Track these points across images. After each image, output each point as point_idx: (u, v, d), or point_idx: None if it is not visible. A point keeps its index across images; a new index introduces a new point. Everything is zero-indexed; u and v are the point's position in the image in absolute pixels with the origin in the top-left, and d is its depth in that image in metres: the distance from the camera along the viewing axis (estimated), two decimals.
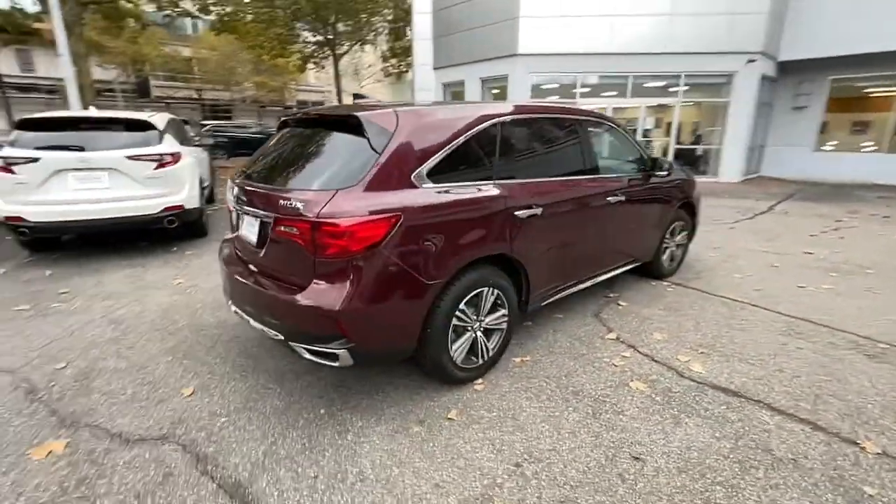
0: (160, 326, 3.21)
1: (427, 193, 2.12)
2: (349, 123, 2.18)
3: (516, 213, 2.46)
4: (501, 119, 2.54)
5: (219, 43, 25.86)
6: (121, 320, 3.30)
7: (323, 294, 1.95)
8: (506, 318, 2.59)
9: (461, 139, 2.32)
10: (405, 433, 2.12)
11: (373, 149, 2.06)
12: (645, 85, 11.06)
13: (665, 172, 3.61)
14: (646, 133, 11.44)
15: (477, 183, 2.35)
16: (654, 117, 11.51)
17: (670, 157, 11.39)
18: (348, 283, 1.94)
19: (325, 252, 1.92)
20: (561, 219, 2.81)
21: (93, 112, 4.83)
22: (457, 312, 2.29)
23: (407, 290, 2.05)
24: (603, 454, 1.99)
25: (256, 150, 2.73)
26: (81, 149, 4.33)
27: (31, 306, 3.53)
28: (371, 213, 1.93)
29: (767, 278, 4.26)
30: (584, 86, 11.06)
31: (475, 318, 2.43)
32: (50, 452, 1.98)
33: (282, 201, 2.03)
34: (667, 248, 4.09)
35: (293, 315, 2.03)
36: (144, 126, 4.75)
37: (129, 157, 4.45)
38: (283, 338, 2.10)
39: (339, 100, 20.91)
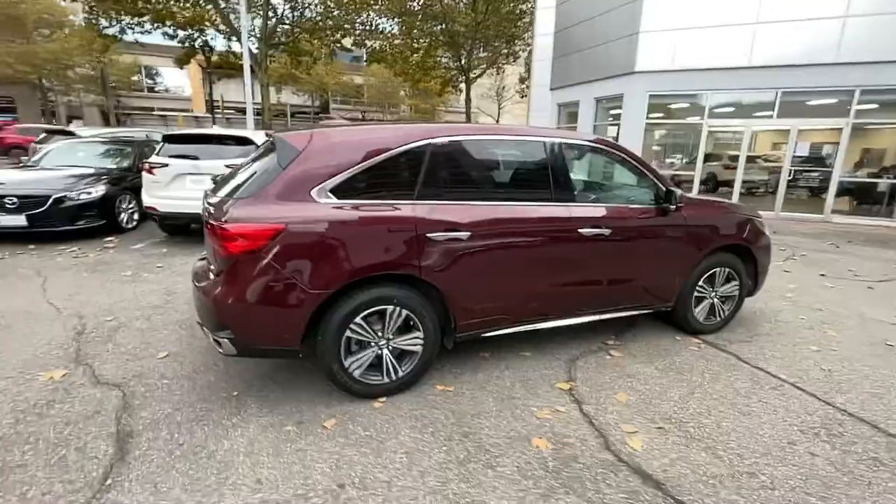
0: (191, 301, 3.96)
1: (321, 208, 2.26)
2: (273, 143, 2.46)
3: (429, 235, 2.41)
4: (433, 141, 2.52)
5: (378, 71, 29.56)
6: (173, 292, 4.17)
7: (214, 287, 2.25)
8: (420, 342, 2.53)
9: (378, 159, 2.40)
10: (278, 429, 2.26)
11: (279, 165, 2.30)
12: (804, 102, 9.05)
13: (674, 207, 3.03)
14: (797, 161, 9.29)
15: (389, 202, 2.39)
16: (810, 142, 9.26)
17: (832, 191, 9.06)
18: (232, 281, 2.20)
19: (219, 252, 2.22)
20: (500, 247, 2.62)
21: (212, 130, 6.18)
22: (352, 325, 2.35)
23: (285, 295, 2.21)
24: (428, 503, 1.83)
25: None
26: (196, 158, 5.59)
27: (132, 273, 4.70)
28: (255, 221, 2.16)
29: (858, 359, 3.17)
30: (714, 106, 9.59)
31: (380, 335, 2.45)
32: (51, 377, 2.68)
33: (212, 208, 2.40)
34: (701, 298, 3.39)
35: (200, 303, 2.38)
36: (246, 141, 5.87)
37: (227, 166, 5.56)
38: (199, 322, 2.46)
39: (468, 121, 22.01)
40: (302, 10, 16.27)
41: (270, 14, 15.26)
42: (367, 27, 17.43)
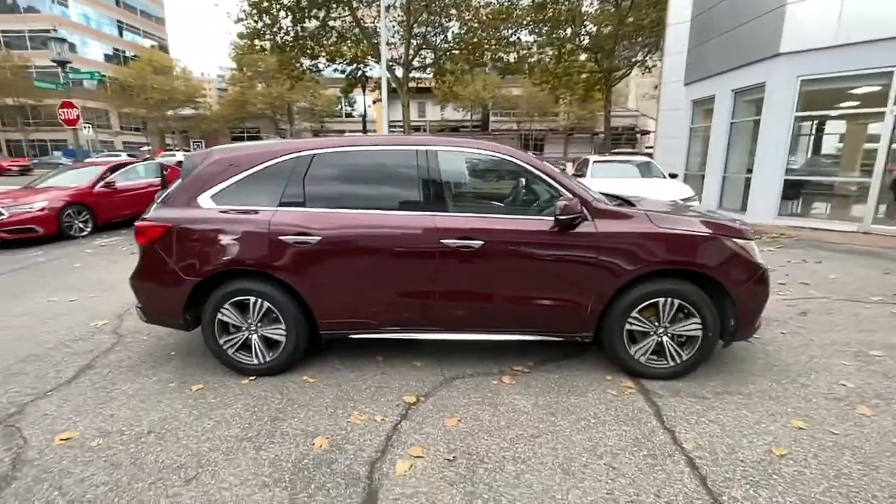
0: None
1: (201, 212, 2.79)
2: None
3: (281, 237, 2.71)
4: (298, 154, 2.82)
5: (528, 81, 29.69)
6: None
7: (133, 269, 2.99)
8: (283, 333, 2.84)
9: (252, 170, 2.83)
10: (164, 384, 2.87)
11: (182, 177, 2.93)
12: None
13: (564, 217, 2.57)
14: None
15: (253, 207, 2.79)
16: None
17: None
18: (139, 265, 2.91)
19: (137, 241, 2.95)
20: (354, 252, 2.73)
21: None
22: (222, 310, 2.83)
23: (166, 278, 2.81)
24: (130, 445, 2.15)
25: None
26: None
27: None
28: (152, 220, 2.83)
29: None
30: None
31: (247, 321, 2.86)
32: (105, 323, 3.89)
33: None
34: (644, 333, 2.76)
35: None
36: None
37: None
38: None
39: (607, 126, 20.26)
40: (444, 32, 17.73)
41: (412, 41, 17.13)
42: (506, 41, 17.86)
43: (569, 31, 16.44)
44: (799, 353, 3.21)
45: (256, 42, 16.11)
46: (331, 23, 16.52)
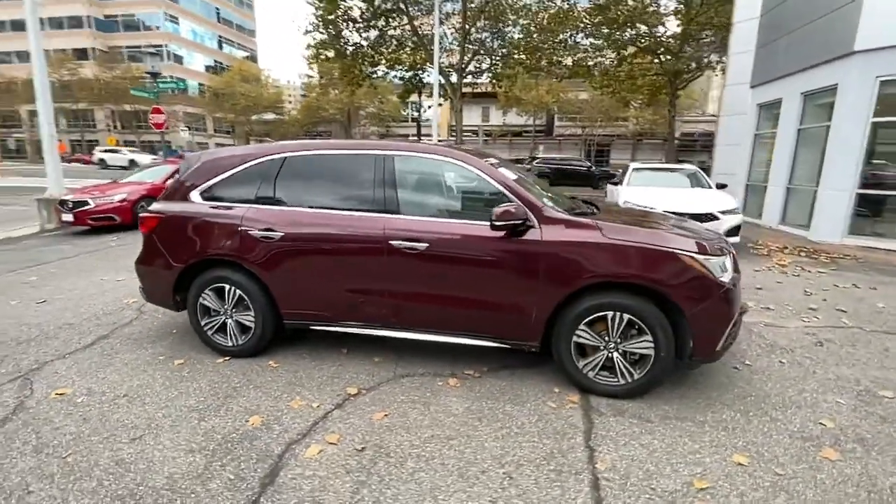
0: None
1: (190, 206, 3.15)
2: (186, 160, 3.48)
3: (250, 232, 2.98)
4: (272, 157, 3.07)
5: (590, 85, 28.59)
6: None
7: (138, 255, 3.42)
8: (252, 319, 3.11)
9: (232, 171, 3.13)
10: (154, 357, 3.25)
11: (180, 175, 3.31)
12: None
13: (499, 223, 2.56)
14: None
15: (231, 203, 3.08)
16: None
17: None
18: (142, 251, 3.32)
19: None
20: (311, 248, 2.92)
21: None
22: (203, 295, 3.16)
23: (159, 264, 3.20)
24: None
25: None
26: None
27: None
28: (151, 212, 3.23)
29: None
30: None
31: (223, 307, 3.16)
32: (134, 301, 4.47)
33: None
34: (595, 347, 2.66)
35: None
36: None
37: None
38: None
39: (671, 132, 18.95)
40: (502, 37, 17.72)
41: (469, 47, 17.32)
42: (564, 44, 17.42)
43: (631, 32, 15.63)
44: (789, 386, 2.89)
45: (321, 52, 17.25)
46: (390, 32, 17.24)
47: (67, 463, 2.14)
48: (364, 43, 17.24)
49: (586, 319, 2.63)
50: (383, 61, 18.08)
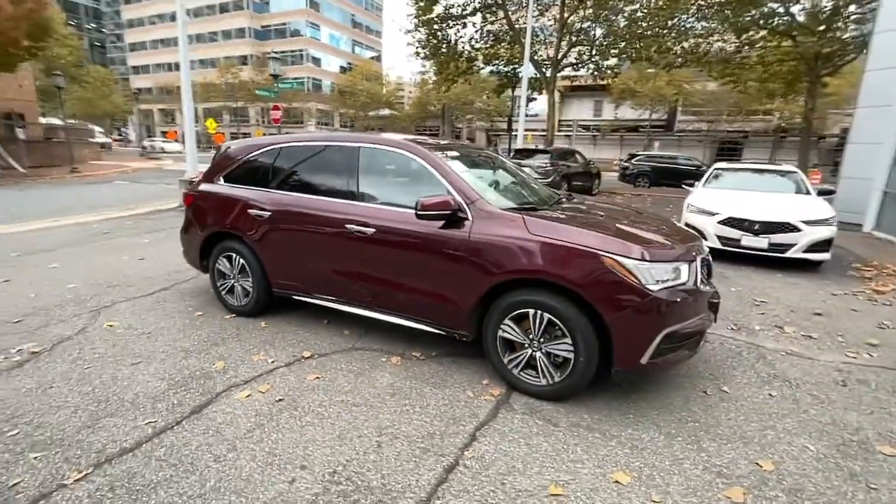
0: None
1: (214, 187, 3.82)
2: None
3: (248, 210, 3.51)
4: (271, 147, 3.57)
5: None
6: None
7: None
8: (251, 284, 3.67)
9: (245, 158, 3.72)
10: (190, 314, 4.03)
11: (212, 160, 4.01)
12: None
13: (421, 213, 2.68)
14: None
15: (243, 186, 3.66)
16: None
17: None
18: (183, 222, 4.10)
19: None
20: (287, 227, 3.35)
21: None
22: (218, 261, 3.82)
23: (191, 232, 3.93)
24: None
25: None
26: None
27: None
28: (188, 192, 3.98)
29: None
30: None
31: (232, 272, 3.78)
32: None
33: None
34: (521, 344, 2.65)
35: None
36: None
37: None
38: None
39: (808, 128, 15.68)
40: (606, 24, 16.59)
41: (568, 38, 16.57)
42: (676, 30, 15.62)
43: (757, 11, 13.33)
44: (755, 420, 2.50)
45: (420, 50, 18.09)
46: (487, 27, 17.35)
47: (84, 372, 2.87)
48: (460, 39, 17.64)
49: (510, 315, 2.62)
50: (480, 56, 18.30)
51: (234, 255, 3.71)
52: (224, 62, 47.79)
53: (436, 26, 16.82)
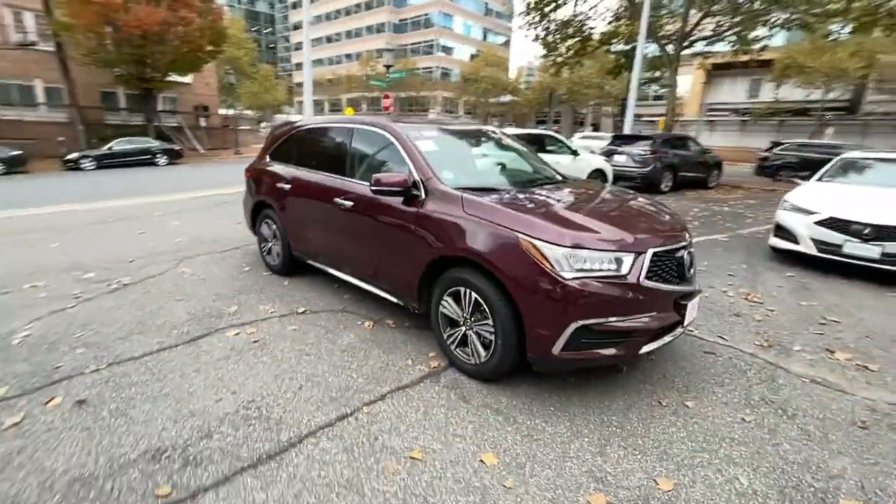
0: None
1: (261, 163, 4.50)
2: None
3: (277, 183, 4.09)
4: (298, 129, 4.06)
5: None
6: None
7: None
8: (280, 247, 4.29)
9: (282, 138, 4.31)
10: (240, 269, 4.85)
11: (265, 142, 4.70)
12: None
13: (374, 188, 2.85)
14: None
15: (277, 163, 4.26)
16: None
17: None
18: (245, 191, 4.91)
19: None
20: (300, 199, 3.82)
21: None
22: (262, 225, 4.52)
23: (247, 201, 4.69)
24: None
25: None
26: None
27: None
28: (248, 168, 4.74)
29: None
30: None
31: (269, 236, 4.44)
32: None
33: None
34: (456, 322, 2.71)
35: None
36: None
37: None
38: None
39: None
40: None
41: (695, 9, 14.38)
42: None
43: None
44: (696, 440, 2.18)
45: (532, 32, 17.50)
46: (601, 5, 16.04)
47: (143, 301, 3.75)
48: (575, 18, 16.60)
49: (448, 291, 2.68)
50: (595, 36, 17.05)
51: (269, 222, 4.36)
52: (365, 55, 52.36)
53: (545, 6, 16.10)
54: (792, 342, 3.27)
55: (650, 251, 2.33)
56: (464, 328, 2.65)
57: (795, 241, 5.06)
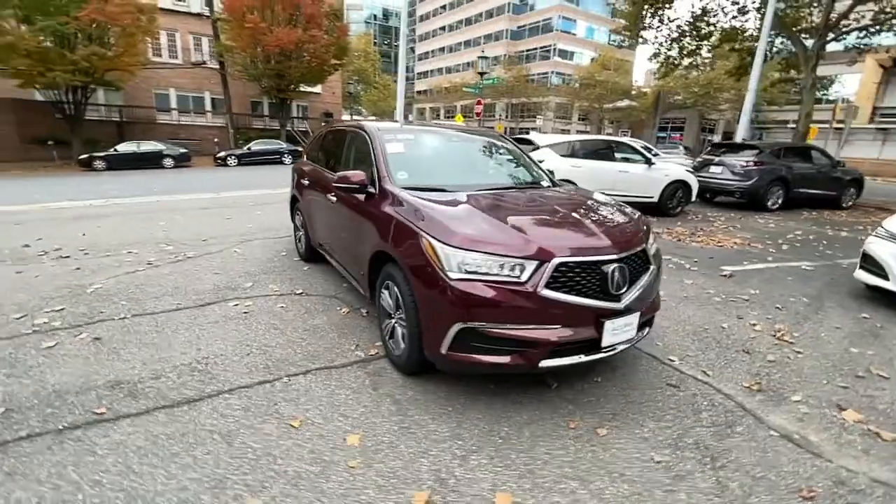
0: None
1: (302, 162, 5.11)
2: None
3: (302, 179, 4.63)
4: (323, 131, 4.55)
5: None
6: None
7: None
8: (303, 232, 4.83)
9: (317, 140, 4.85)
10: (277, 253, 5.55)
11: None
12: None
13: (336, 185, 3.15)
14: None
15: (309, 161, 4.80)
16: None
17: None
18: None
19: None
20: (313, 193, 4.27)
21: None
22: (294, 216, 5.13)
23: (291, 194, 5.35)
24: None
25: None
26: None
27: None
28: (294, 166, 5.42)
29: None
30: None
31: (299, 226, 5.02)
32: None
33: None
34: (387, 311, 2.87)
35: None
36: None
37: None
38: None
39: None
40: None
41: None
42: None
43: None
44: (579, 468, 2.01)
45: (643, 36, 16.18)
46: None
47: (190, 272, 4.57)
48: (691, 14, 14.96)
49: (384, 284, 2.83)
50: (715, 34, 15.16)
51: (298, 213, 4.94)
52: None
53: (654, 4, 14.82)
54: (795, 391, 2.71)
55: (556, 261, 2.20)
56: (392, 320, 2.78)
57: (885, 277, 4.06)
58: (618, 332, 2.34)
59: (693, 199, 8.84)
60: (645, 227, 2.80)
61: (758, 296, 4.32)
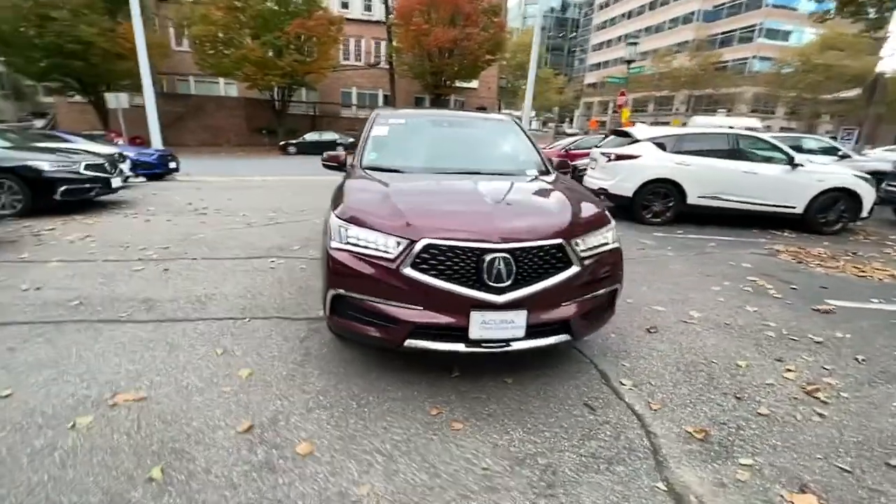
0: None
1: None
2: None
3: None
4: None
5: None
6: None
7: None
8: None
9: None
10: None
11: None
12: None
13: (323, 163, 3.58)
14: None
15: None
16: None
17: None
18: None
19: None
20: None
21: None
22: None
23: None
24: None
25: None
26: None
27: None
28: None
29: None
30: None
31: None
32: None
33: None
34: None
35: None
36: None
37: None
38: None
39: None
40: None
41: None
42: None
43: None
44: (395, 452, 1.99)
45: None
46: None
47: (262, 234, 5.59)
48: None
49: None
50: None
51: None
52: (663, 50, 47.92)
53: None
54: (754, 454, 2.06)
55: (423, 241, 2.16)
56: None
57: None
58: (490, 326, 2.18)
59: (865, 214, 6.65)
60: (583, 223, 2.46)
61: (841, 341, 3.21)
